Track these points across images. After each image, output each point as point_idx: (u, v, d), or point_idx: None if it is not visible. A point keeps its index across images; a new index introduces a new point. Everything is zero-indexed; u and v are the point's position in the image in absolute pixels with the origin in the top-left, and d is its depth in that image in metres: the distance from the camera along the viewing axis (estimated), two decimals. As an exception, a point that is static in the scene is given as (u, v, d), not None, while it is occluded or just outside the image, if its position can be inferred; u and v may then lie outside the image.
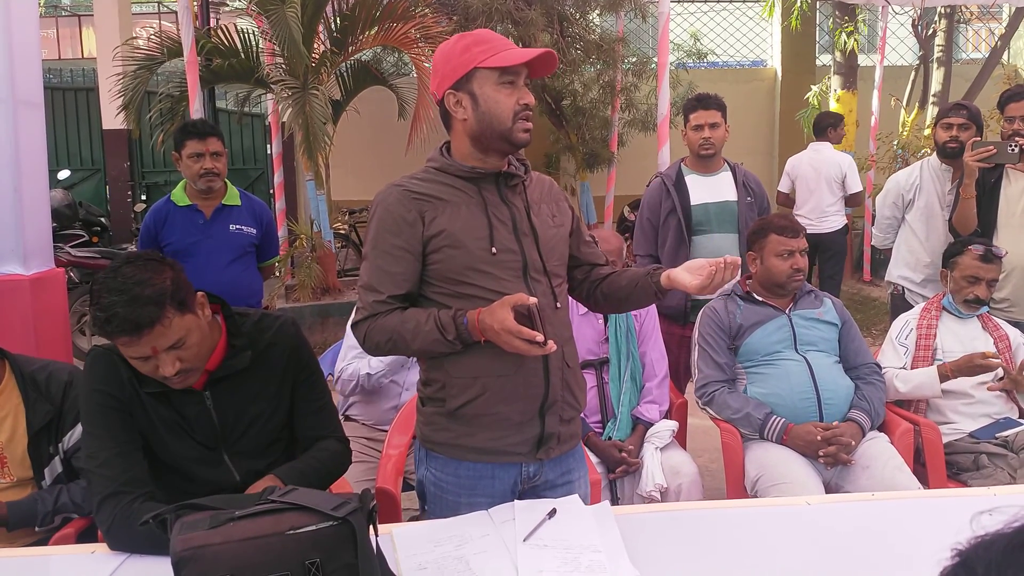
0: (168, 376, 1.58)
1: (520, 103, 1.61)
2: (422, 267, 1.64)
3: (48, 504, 1.95)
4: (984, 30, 10.84)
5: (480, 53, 1.60)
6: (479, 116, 1.62)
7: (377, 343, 1.64)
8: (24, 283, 2.79)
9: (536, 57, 1.61)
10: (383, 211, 1.64)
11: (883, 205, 3.63)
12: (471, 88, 1.62)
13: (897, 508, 1.76)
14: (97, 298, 1.53)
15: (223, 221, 3.33)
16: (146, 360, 1.57)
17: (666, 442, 2.61)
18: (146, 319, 1.51)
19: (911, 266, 3.51)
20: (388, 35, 6.08)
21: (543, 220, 1.72)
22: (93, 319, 1.56)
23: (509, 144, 1.64)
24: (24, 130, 2.80)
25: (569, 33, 7.19)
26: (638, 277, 1.77)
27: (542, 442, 1.70)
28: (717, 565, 1.49)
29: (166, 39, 6.20)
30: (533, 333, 1.47)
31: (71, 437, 2.02)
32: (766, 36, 10.36)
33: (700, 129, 3.21)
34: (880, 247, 3.77)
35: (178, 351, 1.58)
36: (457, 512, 1.65)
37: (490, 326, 1.52)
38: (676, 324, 3.18)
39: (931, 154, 3.59)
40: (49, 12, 13.96)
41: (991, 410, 2.73)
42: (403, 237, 1.62)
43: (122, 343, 1.55)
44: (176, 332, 1.56)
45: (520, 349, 1.50)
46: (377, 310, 1.63)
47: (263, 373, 1.75)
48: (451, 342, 1.57)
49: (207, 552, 1.18)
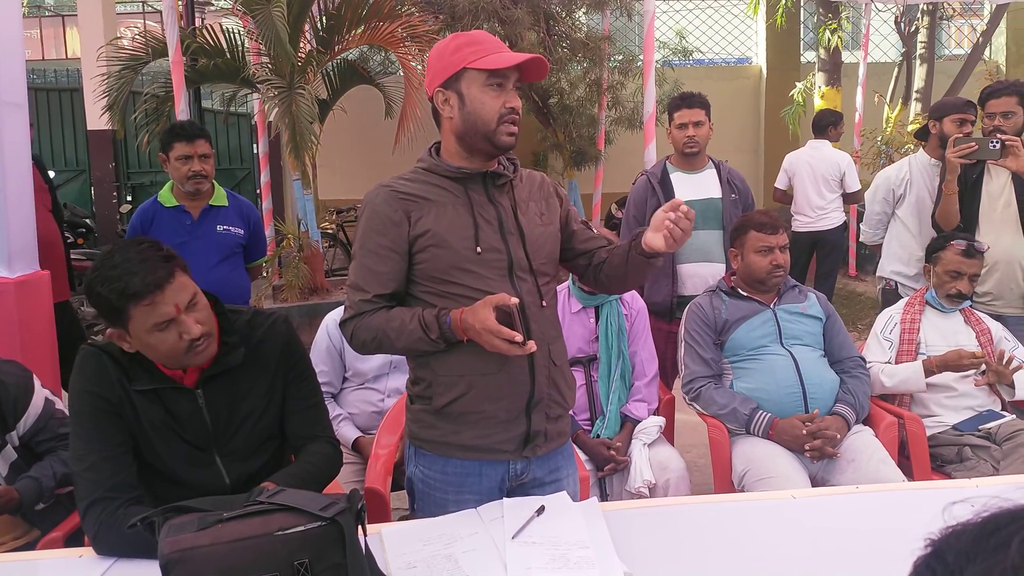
0: (195, 339, 1.58)
1: (506, 106, 1.63)
2: (409, 266, 1.66)
3: (50, 479, 1.98)
4: (966, 26, 10.93)
5: (471, 54, 1.62)
6: (464, 116, 1.64)
7: (363, 341, 1.66)
8: (9, 286, 2.77)
9: (526, 62, 1.62)
10: (370, 211, 1.66)
11: (873, 201, 3.65)
12: (459, 87, 1.64)
13: (882, 500, 1.78)
14: (101, 282, 1.54)
15: (210, 222, 3.33)
16: (167, 327, 1.56)
17: (654, 438, 2.63)
18: (164, 273, 1.55)
19: (904, 261, 3.54)
20: (374, 34, 6.06)
21: (530, 219, 1.73)
22: (102, 303, 1.55)
23: (492, 146, 1.65)
24: (8, 131, 2.77)
25: (555, 31, 7.21)
26: (625, 252, 1.72)
27: (529, 440, 1.71)
28: (705, 559, 1.50)
29: (151, 39, 6.16)
30: (513, 333, 1.49)
31: (24, 423, 2.03)
32: (751, 34, 10.41)
33: (684, 128, 3.24)
34: (869, 243, 3.79)
35: (195, 313, 1.60)
36: (445, 509, 1.67)
37: (472, 325, 1.53)
38: (662, 320, 3.20)
39: (915, 150, 3.62)
40: (32, 12, 13.85)
41: (974, 403, 2.76)
42: (389, 237, 1.64)
43: (145, 305, 1.54)
44: (190, 288, 1.61)
45: (501, 349, 1.51)
46: (363, 309, 1.65)
47: (255, 370, 1.75)
48: (434, 341, 1.59)
49: (196, 554, 1.18)
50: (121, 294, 1.53)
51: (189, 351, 1.60)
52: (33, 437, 2.05)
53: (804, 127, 7.34)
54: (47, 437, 2.07)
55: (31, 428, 2.03)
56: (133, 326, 1.57)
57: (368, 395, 2.77)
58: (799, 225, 5.70)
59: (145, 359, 1.66)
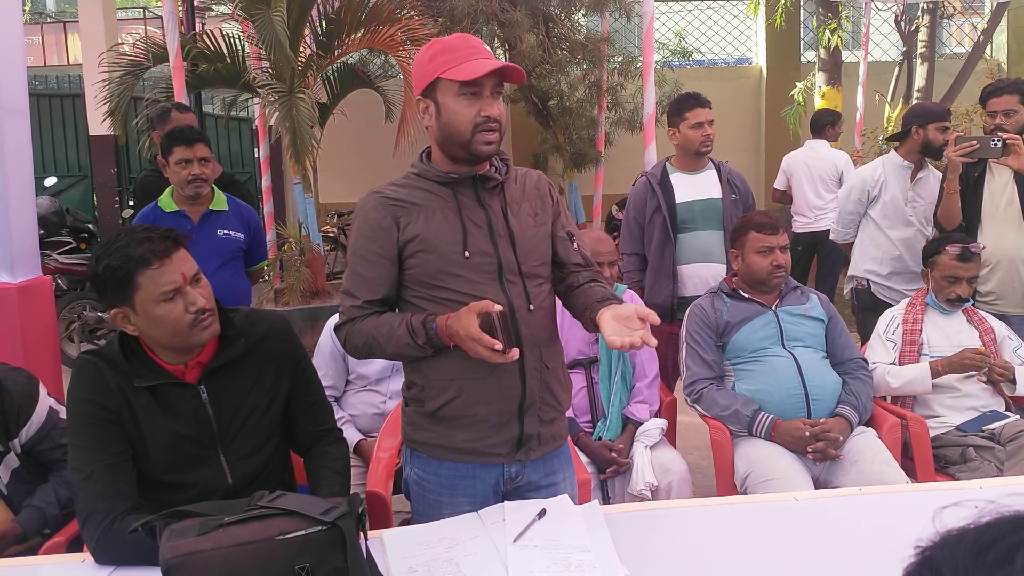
0: (201, 310, 1.61)
1: (482, 115, 1.60)
2: (399, 272, 1.67)
3: (54, 506, 1.98)
4: (967, 25, 10.91)
5: (444, 63, 1.60)
6: (441, 125, 1.64)
7: (356, 346, 1.68)
8: (11, 291, 2.77)
9: (500, 68, 1.59)
10: (362, 218, 1.68)
11: (847, 200, 3.65)
12: (435, 97, 1.64)
13: (885, 502, 1.78)
14: (109, 254, 1.57)
15: (211, 226, 3.33)
16: (174, 297, 1.59)
17: (656, 440, 2.63)
18: (171, 240, 1.61)
19: (877, 260, 3.55)
20: (374, 38, 6.07)
21: (522, 220, 1.72)
22: (109, 274, 1.57)
23: (470, 154, 1.64)
24: (10, 137, 2.78)
25: (554, 33, 7.21)
26: (588, 306, 1.69)
27: (522, 443, 1.71)
28: (707, 562, 1.50)
29: (152, 44, 6.17)
30: (493, 341, 1.47)
31: (27, 431, 2.02)
32: (751, 34, 10.40)
33: (700, 127, 3.23)
34: (840, 242, 3.78)
35: (200, 288, 1.64)
36: (439, 511, 1.67)
37: (456, 332, 1.53)
38: (664, 322, 3.18)
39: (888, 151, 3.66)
40: (34, 19, 13.88)
41: (978, 403, 2.76)
42: (379, 243, 1.65)
43: (153, 270, 1.58)
44: (195, 265, 1.65)
45: (484, 356, 1.50)
46: (354, 315, 1.67)
47: (258, 365, 1.76)
48: (421, 346, 1.60)
49: (197, 559, 1.18)
50: (129, 259, 1.56)
51: (194, 325, 1.62)
52: (35, 446, 2.04)
53: (805, 127, 7.32)
54: (49, 446, 2.06)
55: (33, 437, 2.03)
56: (140, 297, 1.59)
57: (370, 397, 2.77)
58: (799, 226, 5.69)
59: (146, 357, 1.66)
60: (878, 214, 3.54)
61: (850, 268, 3.72)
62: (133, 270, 1.56)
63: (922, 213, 3.46)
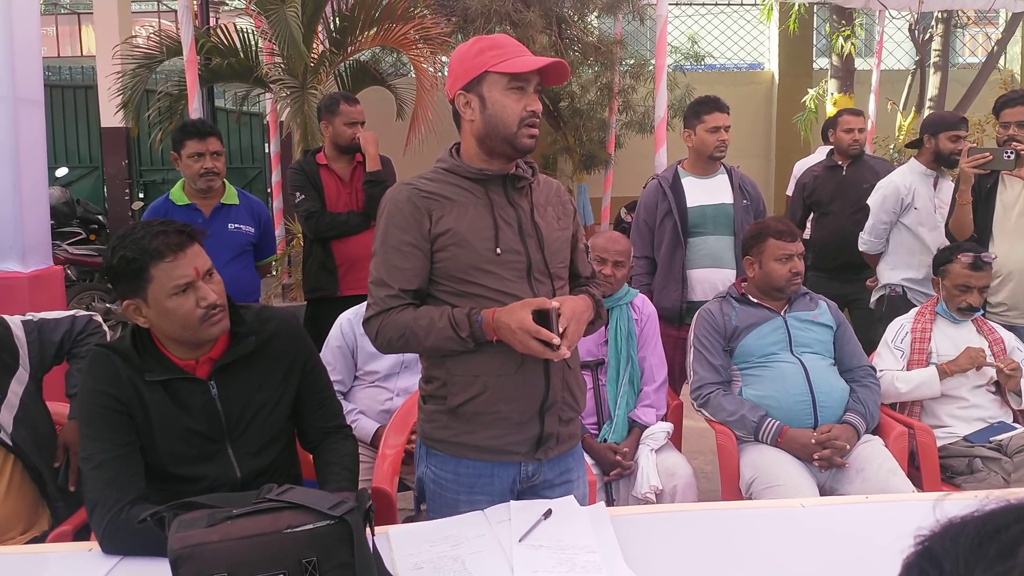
0: (212, 305, 1.62)
1: (527, 109, 1.64)
2: (430, 264, 1.67)
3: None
4: (981, 35, 10.88)
5: (492, 57, 1.63)
6: (486, 119, 1.65)
7: (389, 339, 1.64)
8: (22, 280, 2.79)
9: (547, 66, 1.63)
10: (392, 207, 1.67)
11: (882, 210, 3.57)
12: (481, 91, 1.65)
13: (891, 511, 1.77)
14: (124, 246, 1.59)
15: (222, 220, 3.34)
16: (186, 291, 1.61)
17: (661, 444, 2.62)
18: (187, 234, 1.63)
19: (913, 267, 3.53)
20: (387, 36, 6.09)
21: (548, 222, 1.74)
22: (123, 265, 1.58)
23: (513, 149, 1.66)
24: (24, 127, 2.80)
25: (567, 35, 7.21)
26: None
27: (541, 442, 1.71)
28: (711, 566, 1.50)
29: (165, 38, 6.21)
30: (551, 335, 1.51)
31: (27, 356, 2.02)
32: (763, 39, 10.39)
33: (717, 131, 3.23)
34: (871, 253, 3.72)
35: (212, 284, 1.65)
36: (456, 510, 1.67)
37: (506, 324, 1.54)
38: (671, 326, 3.19)
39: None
40: (49, 10, 13.93)
41: (985, 414, 2.75)
42: (411, 233, 1.64)
43: (167, 263, 1.59)
44: (206, 258, 1.66)
45: (533, 350, 1.53)
46: (389, 304, 1.64)
47: (267, 361, 1.77)
48: (464, 340, 1.59)
49: (204, 550, 1.19)
50: (143, 251, 1.58)
51: (205, 320, 1.63)
52: (61, 348, 2.09)
53: (816, 133, 7.31)
54: (87, 333, 2.12)
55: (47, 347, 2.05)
56: (152, 290, 1.60)
57: (377, 393, 2.77)
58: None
59: (158, 351, 1.67)
60: (912, 220, 3.52)
61: (881, 278, 3.68)
62: (147, 262, 1.58)
63: None
